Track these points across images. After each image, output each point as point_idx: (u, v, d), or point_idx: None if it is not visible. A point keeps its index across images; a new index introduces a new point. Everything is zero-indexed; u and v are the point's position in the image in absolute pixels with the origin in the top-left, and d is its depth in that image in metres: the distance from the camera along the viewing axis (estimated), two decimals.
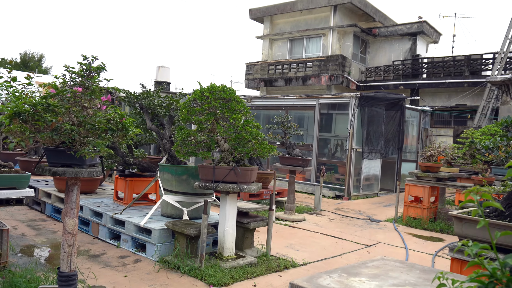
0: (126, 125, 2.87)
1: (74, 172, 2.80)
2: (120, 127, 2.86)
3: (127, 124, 2.88)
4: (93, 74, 2.85)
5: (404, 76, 22.02)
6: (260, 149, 4.47)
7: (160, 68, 22.38)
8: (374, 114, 10.73)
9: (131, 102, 5.79)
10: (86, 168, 2.90)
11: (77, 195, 2.99)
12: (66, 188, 2.97)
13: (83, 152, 2.59)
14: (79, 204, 3.01)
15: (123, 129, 2.89)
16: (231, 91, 4.51)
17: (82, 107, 2.74)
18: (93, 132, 2.72)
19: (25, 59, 49.32)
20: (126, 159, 5.60)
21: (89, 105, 2.75)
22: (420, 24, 21.96)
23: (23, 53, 49.27)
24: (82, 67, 2.85)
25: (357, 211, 8.71)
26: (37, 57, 49.95)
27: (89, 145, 2.63)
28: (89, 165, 2.98)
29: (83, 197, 6.27)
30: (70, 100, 2.70)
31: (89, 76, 2.81)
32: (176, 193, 5.17)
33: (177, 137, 4.55)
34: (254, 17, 25.79)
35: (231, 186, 4.41)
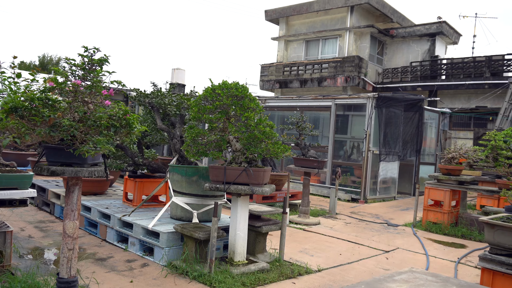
0: (130, 121, 2.69)
1: (74, 172, 2.63)
2: (123, 124, 2.68)
3: (131, 121, 2.69)
4: (95, 67, 2.67)
5: (422, 77, 21.57)
6: (274, 150, 4.25)
7: (175, 70, 22.30)
8: (392, 115, 10.42)
9: (141, 101, 5.64)
10: (87, 167, 2.72)
11: (78, 196, 2.82)
12: (67, 188, 2.80)
13: (82, 150, 2.41)
14: (80, 205, 2.84)
15: (127, 126, 2.70)
16: (243, 88, 4.31)
17: (82, 102, 2.57)
18: (94, 129, 2.54)
19: (43, 62, 49.96)
20: (135, 159, 5.44)
21: (90, 100, 2.58)
22: (439, 24, 21.50)
23: (41, 56, 49.90)
24: (83, 59, 2.67)
25: (373, 215, 8.42)
26: (55, 60, 50.54)
27: (89, 142, 2.45)
28: (91, 164, 2.80)
29: (92, 198, 6.14)
30: (69, 94, 2.53)
31: (91, 69, 2.63)
32: (186, 195, 4.98)
33: (187, 136, 4.36)
34: (269, 18, 25.61)
35: (242, 188, 4.21)
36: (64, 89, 2.52)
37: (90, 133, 2.60)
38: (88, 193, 6.40)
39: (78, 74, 2.62)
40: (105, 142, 2.45)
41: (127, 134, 2.72)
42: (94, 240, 5.31)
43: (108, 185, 6.70)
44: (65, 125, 2.41)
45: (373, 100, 9.80)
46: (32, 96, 2.41)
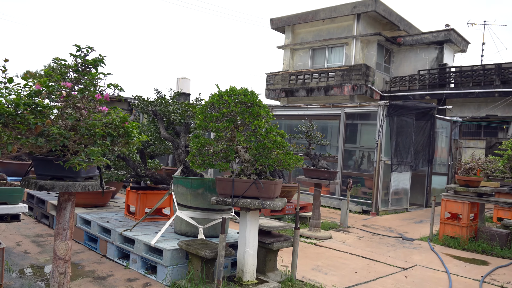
0: (129, 130, 2.39)
1: (65, 186, 2.33)
2: (121, 133, 2.38)
3: (130, 129, 2.39)
4: (90, 69, 2.38)
5: (430, 85, 21.23)
6: (285, 160, 3.94)
7: (180, 79, 22.13)
8: (403, 124, 10.09)
9: (144, 109, 5.35)
10: (80, 181, 2.42)
11: (70, 213, 2.51)
12: (58, 204, 2.50)
13: (73, 162, 2.12)
14: (73, 224, 2.54)
15: (125, 135, 2.40)
16: (252, 94, 4.02)
17: (74, 108, 2.28)
18: (88, 138, 2.24)
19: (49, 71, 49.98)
20: (137, 170, 5.15)
21: (83, 105, 2.28)
22: (447, 32, 21.21)
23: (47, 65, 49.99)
24: (76, 60, 2.39)
25: (387, 228, 8.05)
26: None
27: (81, 153, 2.15)
28: (85, 177, 2.50)
29: (93, 211, 5.83)
30: (59, 99, 2.24)
31: (84, 71, 2.35)
32: (191, 209, 4.67)
33: (192, 146, 4.06)
34: (275, 27, 25.45)
35: (252, 202, 3.89)
36: (54, 93, 2.23)
37: (83, 143, 2.30)
38: (89, 205, 6.11)
39: (70, 77, 2.32)
40: (100, 153, 2.15)
41: (126, 144, 2.42)
42: (94, 256, 5.00)
43: (110, 197, 6.41)
44: (54, 134, 2.12)
45: (384, 109, 9.48)
46: (17, 101, 2.12)
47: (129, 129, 2.41)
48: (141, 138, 2.59)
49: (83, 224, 5.51)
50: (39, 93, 2.20)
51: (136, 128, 2.51)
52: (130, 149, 2.46)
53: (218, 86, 4.13)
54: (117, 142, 2.39)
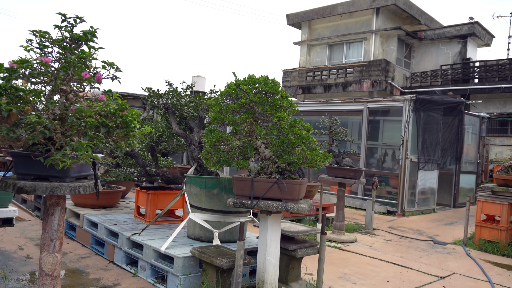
0: (128, 119, 1.94)
1: (50, 189, 1.90)
2: (119, 123, 1.94)
3: (129, 119, 1.95)
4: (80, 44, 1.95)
5: (453, 81, 20.46)
6: (312, 157, 3.46)
7: (195, 77, 21.78)
8: (430, 119, 9.50)
9: (154, 102, 4.93)
10: (69, 181, 1.99)
11: (60, 220, 2.09)
12: (44, 210, 2.07)
13: (55, 158, 1.68)
14: (63, 232, 2.11)
15: (124, 126, 1.96)
16: (274, 83, 3.55)
17: (59, 92, 1.85)
18: (77, 129, 1.81)
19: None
20: (147, 169, 4.73)
21: (69, 88, 1.85)
22: (471, 25, 20.38)
23: None
24: (61, 32, 1.95)
25: (415, 231, 7.50)
26: None
27: (66, 148, 1.72)
28: (76, 177, 2.07)
29: (101, 212, 5.44)
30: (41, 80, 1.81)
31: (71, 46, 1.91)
32: (206, 211, 4.23)
33: (206, 141, 3.61)
34: (291, 22, 24.89)
35: (274, 205, 3.43)
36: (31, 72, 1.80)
37: (72, 135, 1.86)
38: (97, 206, 5.72)
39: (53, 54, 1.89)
40: (89, 147, 1.71)
41: (124, 136, 1.97)
42: (100, 262, 4.60)
43: (119, 197, 6.01)
44: (32, 123, 1.69)
45: (410, 103, 8.90)
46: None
47: (128, 119, 1.97)
48: (144, 130, 2.15)
49: (90, 227, 5.12)
50: (13, 71, 1.77)
51: (137, 117, 2.06)
52: (131, 142, 2.02)
53: (235, 74, 3.68)
54: (113, 135, 1.95)
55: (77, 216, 5.48)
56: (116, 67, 2.04)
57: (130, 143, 2.05)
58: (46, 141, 1.85)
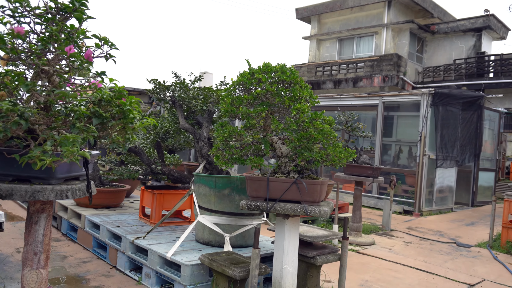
0: (125, 109, 1.59)
1: (30, 193, 1.56)
2: (115, 113, 1.58)
3: (127, 108, 1.59)
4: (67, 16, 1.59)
5: (467, 75, 19.91)
6: (335, 154, 3.09)
7: (203, 74, 21.47)
8: (449, 114, 9.07)
9: (160, 95, 4.59)
10: (55, 183, 1.64)
11: (45, 230, 1.74)
12: (27, 217, 1.73)
13: (31, 156, 1.34)
14: (49, 244, 1.76)
15: (121, 116, 1.61)
16: (292, 72, 3.18)
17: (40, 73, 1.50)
18: (63, 120, 1.46)
19: None
20: (152, 166, 4.38)
21: (52, 69, 1.50)
22: (486, 18, 19.81)
23: None
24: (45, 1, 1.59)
25: (435, 232, 7.10)
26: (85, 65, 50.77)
27: (46, 143, 1.37)
28: (64, 178, 1.72)
29: (104, 213, 5.12)
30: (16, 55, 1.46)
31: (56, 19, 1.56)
32: (215, 213, 3.88)
33: (216, 137, 3.25)
34: (300, 16, 24.45)
35: (292, 207, 3.07)
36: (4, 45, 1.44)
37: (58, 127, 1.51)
38: (100, 206, 5.39)
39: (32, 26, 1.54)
40: (76, 142, 1.36)
41: (122, 129, 1.62)
42: (102, 267, 4.28)
43: (123, 196, 5.68)
44: (3, 111, 1.34)
45: (429, 97, 8.48)
46: None
47: (126, 108, 1.61)
48: (146, 122, 1.80)
49: (91, 228, 4.80)
50: None
51: (138, 106, 1.71)
52: (129, 136, 1.67)
53: (249, 62, 3.31)
54: (108, 127, 1.60)
55: (78, 216, 5.16)
56: (110, 44, 1.69)
57: (128, 138, 1.70)
58: (26, 134, 1.51)
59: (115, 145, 1.73)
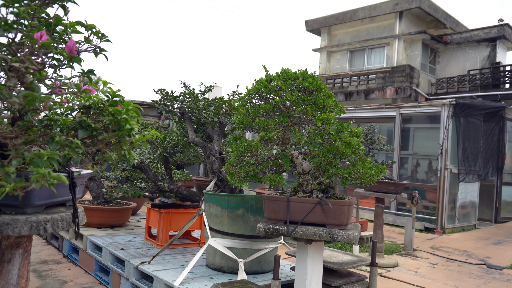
0: (121, 119, 1.24)
1: None
2: (108, 124, 1.23)
3: (123, 117, 1.24)
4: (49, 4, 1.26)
5: (482, 86, 19.45)
6: (364, 171, 2.72)
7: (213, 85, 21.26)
8: (471, 126, 8.64)
9: (168, 106, 4.26)
10: (32, 211, 1.29)
11: (21, 270, 1.39)
12: None
13: None
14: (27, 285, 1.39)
15: (116, 127, 1.25)
16: (314, 78, 2.83)
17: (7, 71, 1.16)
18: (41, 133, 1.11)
19: None
20: (159, 184, 4.03)
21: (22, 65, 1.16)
22: (500, 27, 19.40)
23: None
24: None
25: (462, 252, 6.64)
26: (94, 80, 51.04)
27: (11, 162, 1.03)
28: (45, 205, 1.36)
29: (107, 233, 4.76)
30: None
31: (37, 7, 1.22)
32: (228, 235, 3.51)
33: (230, 151, 2.90)
34: (310, 29, 24.25)
35: (316, 232, 2.69)
36: None
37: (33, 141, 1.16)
38: (104, 225, 5.05)
39: None
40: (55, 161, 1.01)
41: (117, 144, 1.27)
42: None
43: (129, 214, 5.33)
44: None
45: (450, 108, 8.07)
46: None
47: (122, 117, 1.26)
48: (147, 135, 1.45)
49: (94, 250, 4.44)
50: None
51: (137, 115, 1.36)
52: (125, 153, 1.32)
53: (266, 68, 2.97)
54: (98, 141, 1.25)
55: (81, 237, 4.81)
56: (101, 34, 1.35)
57: (124, 154, 1.35)
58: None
59: (108, 163, 1.41)
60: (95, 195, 5.09)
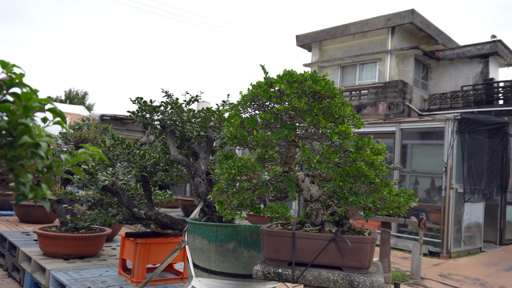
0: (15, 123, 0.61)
1: None
2: None
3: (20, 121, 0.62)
4: None
5: (475, 102, 19.19)
6: (392, 199, 2.13)
7: (200, 103, 20.65)
8: (475, 143, 8.15)
9: (146, 118, 3.64)
10: None
11: None
12: None
13: None
14: None
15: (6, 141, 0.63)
16: (326, 82, 2.24)
17: None
18: None
19: (69, 96, 49.91)
20: (134, 210, 3.38)
21: None
22: (493, 44, 19.23)
23: (67, 91, 49.82)
24: None
25: (474, 280, 6.04)
26: (81, 94, 50.30)
27: None
28: None
29: (75, 266, 4.07)
30: None
31: None
32: (217, 275, 2.86)
33: (220, 173, 2.28)
34: (301, 44, 23.94)
35: (331, 277, 2.09)
36: None
37: None
38: (72, 255, 4.36)
39: None
40: None
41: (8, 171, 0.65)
42: None
43: (102, 242, 4.64)
44: None
45: (454, 123, 7.57)
46: None
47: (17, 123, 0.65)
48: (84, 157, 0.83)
49: (57, 287, 3.75)
50: None
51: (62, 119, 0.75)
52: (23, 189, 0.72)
53: (265, 69, 2.38)
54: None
55: (43, 270, 4.11)
56: None
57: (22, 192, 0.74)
58: None
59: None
60: (64, 220, 4.41)
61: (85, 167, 3.23)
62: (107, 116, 13.85)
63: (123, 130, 14.22)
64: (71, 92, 49.95)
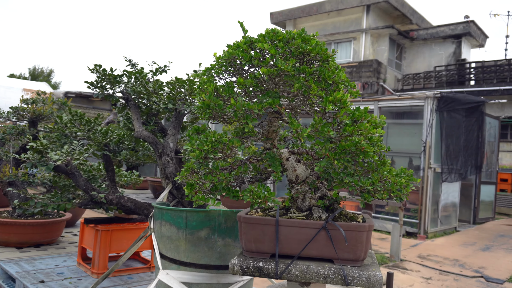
0: None
1: None
2: None
3: None
4: None
5: (448, 83, 19.29)
6: (393, 180, 1.82)
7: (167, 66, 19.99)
8: (454, 122, 8.02)
9: (106, 90, 3.20)
10: None
11: None
12: None
13: None
14: None
15: None
16: (317, 43, 1.89)
17: None
18: None
19: (34, 74, 47.85)
20: (92, 194, 2.98)
21: None
22: (466, 24, 19.26)
23: (32, 68, 47.71)
24: None
25: (452, 261, 5.93)
26: (46, 72, 48.27)
27: None
28: None
29: (28, 256, 3.65)
30: None
31: None
32: (187, 266, 2.52)
33: (189, 151, 1.90)
34: (275, 21, 23.41)
35: (321, 272, 1.79)
36: None
37: None
38: (27, 243, 3.92)
39: None
40: None
41: None
42: None
43: (61, 228, 4.22)
44: None
45: (434, 101, 7.38)
46: None
47: None
48: None
49: (6, 281, 3.33)
50: None
51: None
52: None
53: (244, 26, 1.99)
54: None
55: None
56: None
57: None
58: None
59: None
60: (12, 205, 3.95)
61: (33, 144, 2.79)
62: (72, 93, 13.13)
63: (90, 108, 13.54)
64: (35, 69, 47.84)
